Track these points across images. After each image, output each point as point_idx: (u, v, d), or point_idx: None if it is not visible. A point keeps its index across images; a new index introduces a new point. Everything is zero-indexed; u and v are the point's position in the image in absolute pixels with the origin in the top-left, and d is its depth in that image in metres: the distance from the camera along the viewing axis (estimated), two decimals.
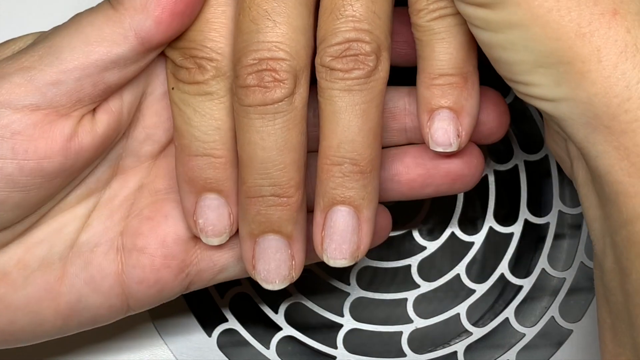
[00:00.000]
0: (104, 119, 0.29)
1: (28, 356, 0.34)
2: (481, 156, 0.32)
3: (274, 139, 0.27)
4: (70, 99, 0.27)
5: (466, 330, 0.37)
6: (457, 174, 0.32)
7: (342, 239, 0.28)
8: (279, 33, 0.27)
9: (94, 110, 0.29)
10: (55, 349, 0.34)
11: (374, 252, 0.37)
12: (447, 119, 0.29)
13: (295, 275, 0.29)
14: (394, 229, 0.38)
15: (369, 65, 0.27)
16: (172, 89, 0.29)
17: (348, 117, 0.27)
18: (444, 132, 0.29)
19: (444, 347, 0.36)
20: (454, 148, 0.29)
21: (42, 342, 0.31)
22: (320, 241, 0.29)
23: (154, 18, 0.27)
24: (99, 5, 0.28)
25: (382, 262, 0.37)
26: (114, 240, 0.30)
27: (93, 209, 0.30)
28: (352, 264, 0.29)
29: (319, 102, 0.28)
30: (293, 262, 0.29)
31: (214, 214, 0.30)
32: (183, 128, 0.29)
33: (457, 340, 0.37)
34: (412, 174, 0.32)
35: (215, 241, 0.30)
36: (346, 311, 0.36)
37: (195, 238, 0.30)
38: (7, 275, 0.29)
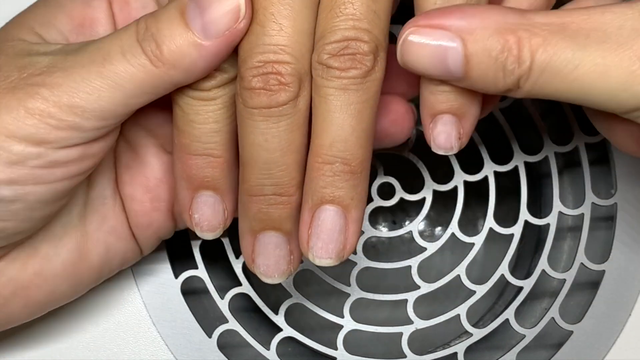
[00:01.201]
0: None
1: (30, 355, 0.34)
2: (410, 112, 0.32)
3: (278, 141, 0.27)
4: (107, 132, 0.29)
5: (466, 332, 0.37)
6: (385, 132, 0.32)
7: (329, 238, 0.28)
8: (285, 36, 0.27)
9: None
10: (56, 349, 0.34)
11: (374, 253, 0.37)
12: (450, 123, 0.29)
13: (293, 269, 0.30)
14: (394, 229, 0.38)
15: (366, 65, 0.27)
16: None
17: (342, 117, 0.27)
18: (447, 136, 0.29)
19: (444, 348, 0.36)
20: (454, 151, 0.29)
21: (43, 344, 0.31)
22: (306, 239, 0.29)
23: (197, 77, 0.28)
24: (131, 51, 0.27)
25: (382, 263, 0.37)
26: (115, 191, 0.32)
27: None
28: (337, 263, 0.29)
29: (313, 99, 0.28)
30: (291, 257, 0.30)
31: (210, 210, 0.30)
32: (184, 128, 0.29)
33: (457, 342, 0.37)
34: None
35: (210, 236, 0.31)
36: (346, 312, 0.36)
37: None
38: (37, 251, 0.30)
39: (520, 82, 0.27)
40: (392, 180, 0.37)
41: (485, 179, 0.37)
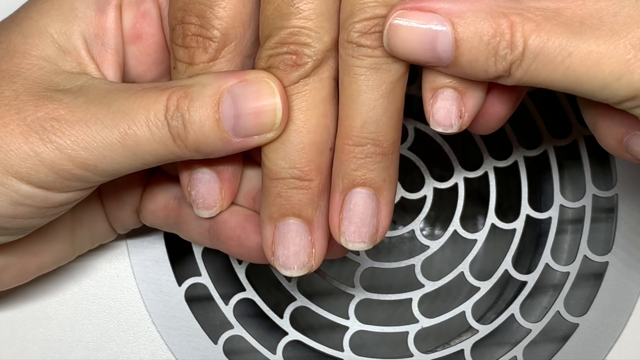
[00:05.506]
0: None
1: (31, 355, 0.34)
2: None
3: (291, 121, 0.27)
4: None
5: (472, 328, 0.36)
6: None
7: (362, 222, 0.28)
8: (303, 18, 0.26)
9: None
10: (57, 349, 0.34)
11: (374, 253, 0.37)
12: (451, 98, 0.27)
13: (315, 264, 0.29)
14: (394, 228, 0.38)
15: None
16: (174, 68, 0.28)
17: (374, 97, 0.27)
18: (447, 112, 0.27)
19: (450, 346, 0.36)
20: (454, 129, 0.28)
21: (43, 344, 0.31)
22: (337, 223, 0.28)
23: (220, 155, 0.28)
24: (157, 126, 0.27)
25: (385, 262, 0.37)
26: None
27: None
28: (370, 247, 0.28)
29: (342, 80, 0.27)
30: (313, 250, 0.29)
31: (205, 188, 0.30)
32: None
33: (463, 339, 0.37)
34: None
35: (206, 213, 0.30)
36: (351, 313, 0.36)
37: None
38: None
39: (512, 68, 0.26)
40: None
41: (486, 174, 0.37)
